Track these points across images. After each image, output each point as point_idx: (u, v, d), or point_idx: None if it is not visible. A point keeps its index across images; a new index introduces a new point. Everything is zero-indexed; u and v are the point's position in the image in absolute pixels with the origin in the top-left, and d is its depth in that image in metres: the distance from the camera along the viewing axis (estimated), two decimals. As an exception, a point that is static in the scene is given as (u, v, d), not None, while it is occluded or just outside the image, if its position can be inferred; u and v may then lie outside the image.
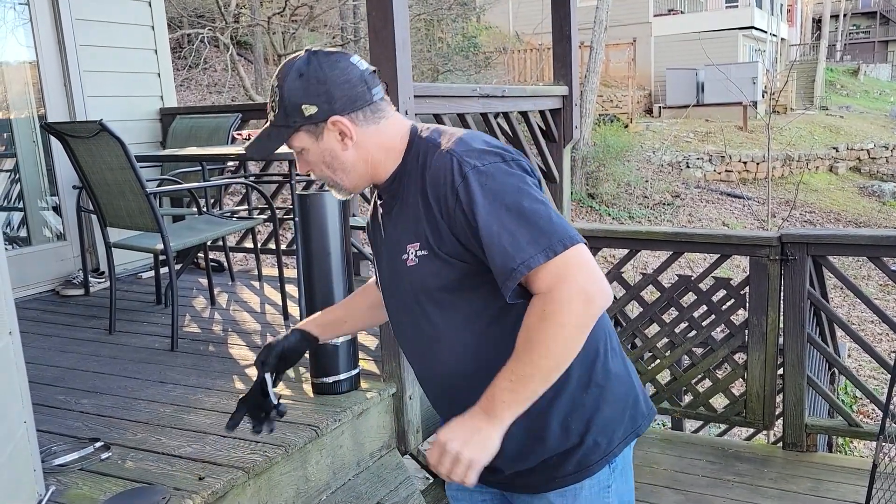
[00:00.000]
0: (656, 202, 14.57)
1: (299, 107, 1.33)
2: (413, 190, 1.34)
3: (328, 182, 1.42)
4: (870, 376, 8.34)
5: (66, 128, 3.37)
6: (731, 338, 3.32)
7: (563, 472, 1.38)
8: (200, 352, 3.23)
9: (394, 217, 1.40)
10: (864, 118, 21.70)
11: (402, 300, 1.41)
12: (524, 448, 1.37)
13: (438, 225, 1.29)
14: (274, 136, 1.38)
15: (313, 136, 1.36)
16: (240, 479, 2.13)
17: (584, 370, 1.35)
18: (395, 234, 1.39)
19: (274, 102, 1.36)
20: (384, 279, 1.48)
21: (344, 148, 1.36)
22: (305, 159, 1.40)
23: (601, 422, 1.37)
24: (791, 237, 3.12)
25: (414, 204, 1.33)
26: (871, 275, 11.94)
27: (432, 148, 1.33)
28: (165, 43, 4.95)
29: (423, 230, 1.31)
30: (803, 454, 3.14)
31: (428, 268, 1.31)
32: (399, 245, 1.37)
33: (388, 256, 1.43)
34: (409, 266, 1.34)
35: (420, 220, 1.32)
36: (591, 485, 1.39)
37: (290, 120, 1.35)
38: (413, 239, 1.33)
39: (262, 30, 12.80)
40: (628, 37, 19.95)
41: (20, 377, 1.92)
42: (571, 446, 1.37)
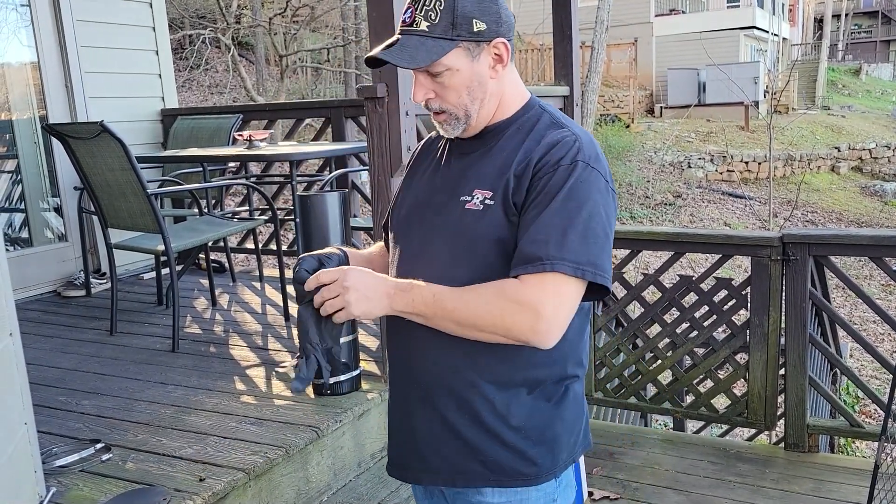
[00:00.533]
0: (658, 202, 14.57)
1: (471, 20, 1.25)
2: (513, 145, 1.31)
3: (458, 112, 1.31)
4: (872, 376, 8.33)
5: (68, 129, 3.37)
6: (733, 338, 3.31)
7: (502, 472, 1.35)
8: (201, 353, 3.23)
9: (469, 160, 1.35)
10: (866, 118, 21.67)
11: (434, 236, 1.35)
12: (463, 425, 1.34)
13: (508, 188, 1.27)
14: (430, 47, 1.25)
15: (470, 56, 1.27)
16: (240, 481, 2.13)
17: (554, 380, 1.35)
18: (462, 175, 1.35)
19: (434, 10, 1.25)
20: (411, 209, 1.42)
21: (493, 76, 1.31)
22: (445, 82, 1.28)
23: (551, 436, 1.36)
24: (792, 237, 3.11)
25: (508, 158, 1.30)
26: (872, 275, 11.93)
27: (559, 122, 1.33)
28: (166, 44, 4.96)
29: (503, 184, 1.28)
30: (805, 455, 3.13)
31: (490, 218, 1.28)
32: (462, 185, 1.33)
33: (435, 190, 1.38)
34: (466, 208, 1.30)
35: (506, 173, 1.28)
36: (537, 497, 1.36)
37: (454, 32, 1.25)
38: (486, 186, 1.29)
39: (264, 31, 12.82)
40: (630, 37, 19.93)
41: (21, 378, 1.93)
42: (514, 447, 1.34)
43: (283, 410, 2.58)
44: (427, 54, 1.25)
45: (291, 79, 14.12)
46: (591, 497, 2.79)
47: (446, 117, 1.33)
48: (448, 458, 1.37)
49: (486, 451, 1.34)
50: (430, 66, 1.27)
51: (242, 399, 2.70)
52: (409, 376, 1.39)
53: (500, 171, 1.30)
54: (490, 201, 1.29)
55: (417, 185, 1.45)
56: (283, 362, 3.07)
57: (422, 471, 1.41)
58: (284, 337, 3.41)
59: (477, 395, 1.33)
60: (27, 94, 4.44)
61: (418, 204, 1.41)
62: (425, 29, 1.25)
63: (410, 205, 1.43)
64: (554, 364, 1.34)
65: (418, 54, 1.25)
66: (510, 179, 1.28)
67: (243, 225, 4.16)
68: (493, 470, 1.35)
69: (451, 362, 1.33)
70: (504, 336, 1.23)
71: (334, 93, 16.23)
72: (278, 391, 2.77)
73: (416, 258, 1.37)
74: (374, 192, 2.72)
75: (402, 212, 1.45)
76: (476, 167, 1.34)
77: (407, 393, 1.41)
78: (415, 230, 1.39)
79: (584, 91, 13.87)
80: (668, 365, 3.48)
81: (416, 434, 1.40)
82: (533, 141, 1.31)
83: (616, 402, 3.65)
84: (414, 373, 1.38)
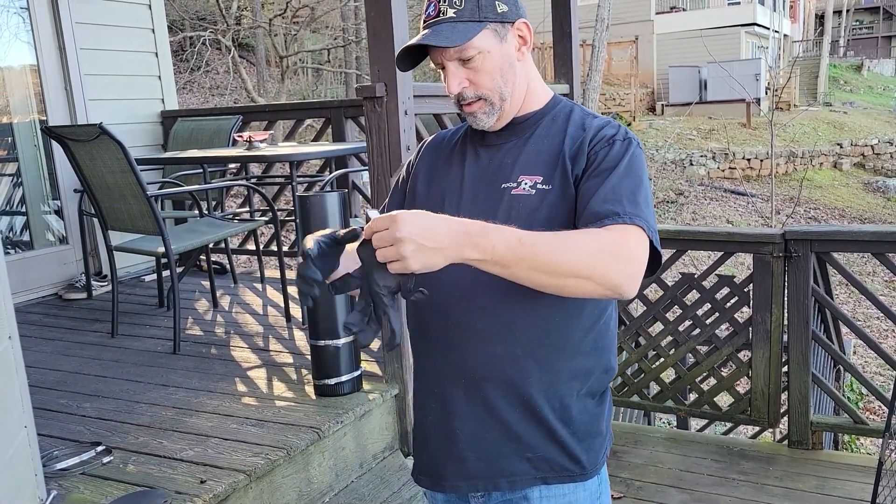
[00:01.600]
0: (660, 200, 14.54)
1: (494, 2, 1.28)
2: (555, 133, 1.33)
3: (494, 97, 1.31)
4: (876, 373, 8.31)
5: (67, 131, 3.37)
6: (736, 336, 3.30)
7: (550, 469, 1.34)
8: (203, 354, 3.23)
9: (504, 150, 1.36)
10: (868, 114, 21.62)
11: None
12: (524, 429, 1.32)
13: (567, 168, 1.29)
14: (461, 29, 1.26)
15: (498, 38, 1.29)
16: (241, 483, 2.12)
17: (600, 371, 1.37)
18: (500, 165, 1.34)
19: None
20: (439, 202, 1.36)
21: (519, 57, 1.33)
22: (478, 66, 1.29)
23: (595, 432, 1.37)
24: (794, 234, 3.10)
25: (554, 145, 1.32)
26: (876, 271, 11.89)
27: (592, 114, 1.37)
28: (166, 46, 4.96)
29: (560, 165, 1.29)
30: (809, 452, 3.12)
31: (544, 200, 1.28)
32: (501, 174, 1.33)
33: (467, 182, 1.36)
34: (514, 193, 1.29)
35: (558, 155, 1.30)
36: (585, 496, 1.37)
37: (481, 14, 1.27)
38: (535, 172, 1.30)
39: (264, 32, 12.83)
40: (631, 34, 19.90)
41: (20, 381, 1.92)
42: (564, 443, 1.34)
43: (284, 412, 2.57)
44: (459, 35, 1.26)
45: (292, 80, 14.12)
46: (594, 496, 2.78)
47: (481, 105, 1.32)
48: (493, 459, 1.34)
49: (536, 447, 1.33)
50: (462, 50, 1.27)
51: (244, 400, 2.69)
52: (453, 373, 1.32)
53: (549, 157, 1.31)
54: (543, 185, 1.29)
55: (439, 182, 1.41)
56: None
57: (462, 477, 1.37)
58: (286, 338, 3.41)
59: (535, 385, 1.31)
60: (27, 98, 4.44)
61: (447, 196, 1.37)
62: (453, 15, 1.27)
63: (437, 199, 1.38)
64: (602, 353, 1.35)
65: (457, 35, 1.26)
66: (566, 162, 1.30)
67: (244, 226, 4.15)
68: (539, 468, 1.34)
69: (509, 351, 1.30)
70: (598, 283, 1.15)
71: (335, 93, 16.22)
72: (279, 392, 2.76)
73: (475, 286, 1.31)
74: (374, 192, 2.71)
75: (429, 202, 1.37)
76: (515, 156, 1.34)
77: (448, 394, 1.35)
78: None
79: (586, 89, 13.85)
80: (670, 363, 3.47)
81: (458, 436, 1.35)
82: (576, 127, 1.34)
83: (619, 400, 3.64)
84: (461, 368, 1.32)
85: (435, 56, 1.31)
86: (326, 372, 2.68)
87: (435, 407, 1.39)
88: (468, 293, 1.30)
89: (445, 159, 1.44)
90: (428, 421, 1.41)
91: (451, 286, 1.30)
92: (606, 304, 1.37)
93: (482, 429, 1.33)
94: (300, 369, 2.98)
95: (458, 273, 1.18)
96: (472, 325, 1.30)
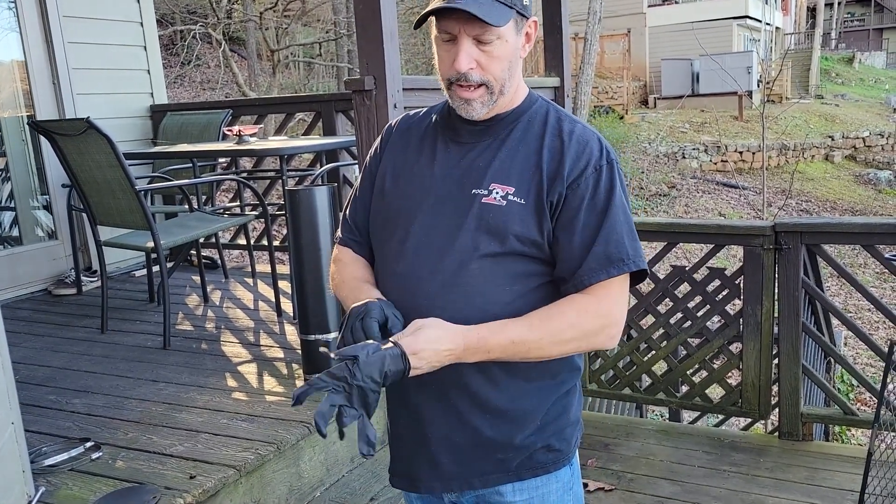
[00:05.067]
0: (652, 193, 14.56)
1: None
2: (532, 141, 1.30)
3: (496, 87, 1.28)
4: (867, 364, 8.35)
5: (54, 126, 3.35)
6: (727, 328, 3.31)
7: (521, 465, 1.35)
8: (193, 350, 3.22)
9: (477, 150, 1.32)
10: (860, 106, 21.68)
11: (446, 228, 1.29)
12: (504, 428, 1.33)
13: (542, 188, 1.27)
14: (499, 10, 1.22)
15: (516, 29, 1.27)
16: (231, 478, 2.12)
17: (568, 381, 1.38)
18: (472, 166, 1.31)
19: None
20: (411, 198, 1.34)
21: (521, 54, 1.31)
22: (493, 52, 1.25)
23: (564, 422, 1.38)
24: (784, 226, 3.10)
25: (531, 156, 1.29)
26: (867, 262, 11.94)
27: (567, 116, 1.34)
28: (155, 39, 4.92)
29: (536, 182, 1.27)
30: (799, 443, 3.13)
31: (514, 214, 1.26)
32: (473, 177, 1.30)
33: (442, 184, 1.32)
34: (484, 202, 1.27)
35: (536, 171, 1.27)
36: (557, 487, 1.38)
37: (512, 1, 1.24)
38: (509, 182, 1.27)
39: (255, 25, 12.76)
40: (623, 28, 19.90)
41: (6, 378, 1.91)
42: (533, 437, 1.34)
43: (274, 407, 2.56)
44: (500, 16, 1.22)
45: (284, 74, 14.06)
46: (586, 488, 2.78)
47: (482, 93, 1.27)
48: (466, 461, 1.35)
49: (505, 445, 1.33)
50: (485, 31, 1.22)
51: (234, 396, 2.69)
52: (419, 381, 1.28)
53: (524, 168, 1.28)
54: (515, 197, 1.27)
55: (409, 179, 1.36)
56: (275, 358, 3.06)
57: (435, 479, 1.37)
58: (276, 333, 3.40)
59: (502, 391, 1.31)
60: (14, 92, 4.41)
61: (418, 193, 1.34)
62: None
63: (407, 194, 1.35)
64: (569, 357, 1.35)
65: (493, 13, 1.21)
66: (543, 181, 1.27)
67: (233, 221, 4.14)
68: (511, 466, 1.34)
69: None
70: (584, 350, 1.30)
71: (327, 87, 16.16)
72: (270, 387, 2.76)
73: (427, 252, 1.30)
74: (363, 186, 2.70)
75: (397, 201, 1.36)
76: (488, 159, 1.31)
77: (417, 400, 1.35)
78: (419, 222, 1.32)
79: (578, 83, 13.84)
80: (662, 356, 3.47)
81: (430, 441, 1.35)
82: (553, 136, 1.30)
83: (611, 393, 3.64)
84: (426, 376, 1.27)
85: (450, 25, 1.23)
86: (317, 366, 2.67)
87: (405, 413, 1.39)
88: (436, 305, 1.28)
89: (415, 150, 1.39)
90: (400, 425, 1.42)
91: (419, 298, 1.29)
92: None
93: (453, 433, 1.34)
94: (291, 364, 2.97)
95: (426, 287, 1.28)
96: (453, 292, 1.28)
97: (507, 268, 1.27)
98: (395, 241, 1.34)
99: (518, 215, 1.26)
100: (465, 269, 1.27)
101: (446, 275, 1.28)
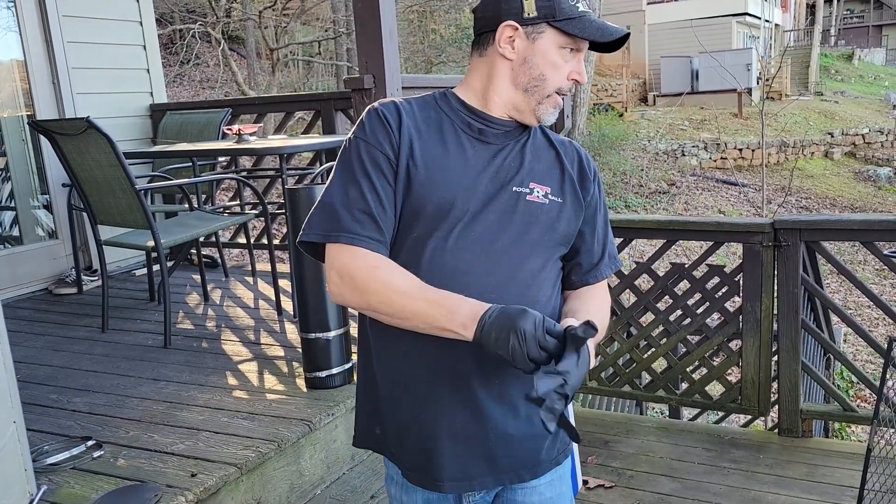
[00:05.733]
0: (652, 191, 14.56)
1: None
2: (541, 146, 1.39)
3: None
4: (867, 361, 8.36)
5: (54, 125, 3.35)
6: (726, 325, 3.32)
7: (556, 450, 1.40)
8: (193, 348, 3.22)
9: (505, 151, 1.34)
10: (859, 103, 21.68)
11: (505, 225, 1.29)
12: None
13: (576, 188, 1.38)
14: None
15: None
16: (232, 476, 2.13)
17: None
18: (503, 164, 1.32)
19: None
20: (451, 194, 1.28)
21: None
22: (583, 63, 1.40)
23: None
24: (783, 223, 3.11)
25: (549, 158, 1.38)
26: (867, 259, 11.95)
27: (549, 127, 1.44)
28: (154, 38, 4.92)
29: (569, 184, 1.37)
30: (799, 440, 3.13)
31: (557, 212, 1.34)
32: (511, 177, 1.31)
33: (484, 179, 1.30)
34: (529, 200, 1.31)
35: (564, 173, 1.38)
36: (567, 470, 1.44)
37: None
38: (544, 182, 1.34)
39: (254, 24, 12.76)
40: (622, 25, 19.86)
41: (8, 377, 1.91)
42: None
43: (275, 405, 2.57)
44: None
45: (283, 72, 14.06)
46: (586, 486, 2.79)
47: (564, 100, 1.38)
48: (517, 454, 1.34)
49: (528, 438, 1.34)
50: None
51: (234, 394, 2.69)
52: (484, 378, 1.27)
53: (552, 170, 1.37)
54: (554, 197, 1.34)
55: (443, 166, 1.29)
56: (275, 357, 3.06)
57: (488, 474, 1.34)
58: (277, 331, 3.40)
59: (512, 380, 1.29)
60: (14, 92, 4.41)
61: (459, 188, 1.29)
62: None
63: (446, 187, 1.28)
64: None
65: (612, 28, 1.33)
66: (574, 183, 1.38)
67: (233, 219, 4.14)
68: (553, 454, 1.38)
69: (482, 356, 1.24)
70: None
71: (326, 86, 16.16)
72: (270, 386, 2.76)
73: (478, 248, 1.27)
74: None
75: (437, 194, 1.28)
76: (517, 161, 1.34)
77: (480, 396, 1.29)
78: (465, 217, 1.28)
79: (577, 80, 13.82)
80: (661, 353, 3.48)
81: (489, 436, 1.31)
82: (559, 144, 1.41)
83: (611, 390, 3.65)
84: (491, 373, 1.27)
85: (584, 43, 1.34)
86: (317, 365, 2.68)
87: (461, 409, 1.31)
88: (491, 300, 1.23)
89: (437, 142, 1.31)
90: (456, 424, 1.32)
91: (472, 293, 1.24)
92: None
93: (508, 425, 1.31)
94: (291, 362, 2.98)
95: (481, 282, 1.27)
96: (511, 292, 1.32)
97: (553, 264, 1.36)
98: (438, 237, 1.27)
99: (564, 216, 1.34)
100: (519, 266, 1.29)
101: (502, 271, 1.27)
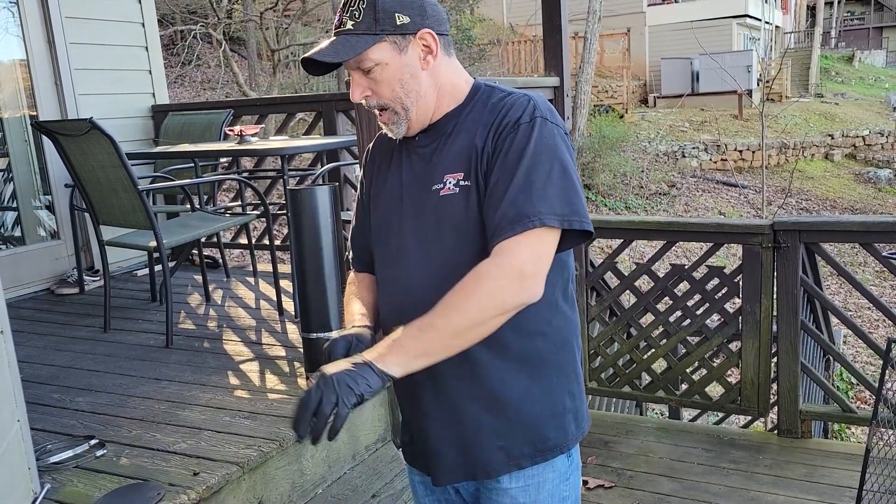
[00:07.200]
0: (652, 192, 14.57)
1: (393, 14, 1.29)
2: (472, 124, 1.34)
3: (396, 107, 1.33)
4: (867, 362, 8.36)
5: (57, 126, 3.36)
6: (726, 326, 3.33)
7: (521, 454, 1.37)
8: (195, 348, 3.24)
9: (430, 150, 1.37)
10: (860, 105, 21.67)
11: (421, 229, 1.36)
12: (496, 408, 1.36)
13: (485, 153, 1.30)
14: (353, 43, 1.28)
15: (397, 50, 1.30)
16: (234, 474, 2.14)
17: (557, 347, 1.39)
18: (428, 166, 1.36)
19: (358, 9, 1.29)
20: (386, 211, 1.42)
21: (424, 66, 1.33)
22: (377, 77, 1.31)
23: (560, 409, 1.40)
24: (783, 225, 3.12)
25: (469, 136, 1.33)
26: (867, 261, 11.95)
27: (506, 93, 1.36)
28: (156, 40, 4.94)
29: (474, 160, 1.31)
30: (798, 441, 3.15)
31: (467, 198, 1.30)
32: (432, 176, 1.35)
33: (410, 189, 1.38)
34: (441, 195, 1.32)
35: (472, 150, 1.31)
36: (553, 476, 1.40)
37: (378, 27, 1.28)
38: (455, 169, 1.32)
39: (255, 25, 12.77)
40: (622, 27, 19.89)
41: (13, 376, 1.93)
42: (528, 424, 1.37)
43: (276, 404, 2.58)
44: (350, 49, 1.29)
45: (284, 73, 14.06)
46: (586, 486, 2.81)
47: (388, 115, 1.35)
48: (467, 452, 1.38)
49: (504, 433, 1.36)
50: (360, 61, 1.31)
51: (236, 393, 2.71)
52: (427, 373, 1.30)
53: (466, 150, 1.33)
54: (464, 181, 1.31)
55: (384, 189, 1.44)
56: (277, 357, 3.08)
57: (439, 471, 1.42)
58: (278, 331, 3.41)
59: (489, 373, 1.34)
60: (17, 93, 4.43)
61: (393, 203, 1.41)
62: (351, 27, 1.29)
63: (385, 206, 1.43)
64: (556, 332, 1.38)
65: (348, 49, 1.29)
66: (475, 153, 1.31)
67: (235, 220, 4.15)
68: (510, 454, 1.37)
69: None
70: (505, 313, 1.24)
71: (327, 87, 16.16)
72: (272, 385, 2.78)
73: (404, 255, 1.37)
74: (364, 185, 2.72)
75: (377, 215, 1.45)
76: (439, 155, 1.36)
77: (417, 392, 1.40)
78: (396, 229, 1.40)
79: (578, 82, 13.85)
80: (661, 354, 3.49)
81: (429, 434, 1.41)
82: (489, 112, 1.34)
83: (610, 391, 3.66)
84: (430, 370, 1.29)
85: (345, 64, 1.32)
86: (319, 364, 2.66)
87: (410, 406, 1.45)
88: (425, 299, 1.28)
89: (386, 165, 1.46)
90: (411, 422, 1.48)
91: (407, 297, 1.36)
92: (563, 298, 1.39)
93: (451, 424, 1.38)
94: (293, 362, 2.99)
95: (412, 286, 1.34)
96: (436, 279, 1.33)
97: (472, 245, 1.30)
98: (382, 251, 1.44)
99: (472, 200, 1.30)
100: (443, 265, 1.32)
101: (425, 273, 1.34)
